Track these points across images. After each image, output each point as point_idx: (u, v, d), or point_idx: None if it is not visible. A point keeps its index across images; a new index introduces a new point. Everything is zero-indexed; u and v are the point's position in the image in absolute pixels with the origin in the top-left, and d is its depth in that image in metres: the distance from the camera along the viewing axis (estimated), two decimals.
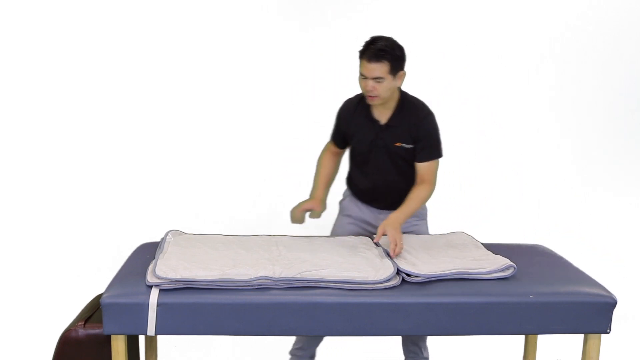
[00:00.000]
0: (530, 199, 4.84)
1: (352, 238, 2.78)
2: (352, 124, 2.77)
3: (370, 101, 2.65)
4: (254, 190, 4.57)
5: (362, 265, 2.43)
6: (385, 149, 2.74)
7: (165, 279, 2.22)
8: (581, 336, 2.40)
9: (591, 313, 2.30)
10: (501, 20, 4.79)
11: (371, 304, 2.23)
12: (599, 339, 2.35)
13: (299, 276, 2.30)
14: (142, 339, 2.76)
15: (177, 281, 2.23)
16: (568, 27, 4.81)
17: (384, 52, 2.56)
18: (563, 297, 2.31)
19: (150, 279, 2.25)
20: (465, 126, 4.83)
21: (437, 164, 2.78)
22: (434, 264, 2.44)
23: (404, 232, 2.67)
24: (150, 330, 2.19)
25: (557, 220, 4.75)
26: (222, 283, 2.24)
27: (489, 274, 2.39)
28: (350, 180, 2.96)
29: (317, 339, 2.95)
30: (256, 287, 2.25)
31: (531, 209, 4.80)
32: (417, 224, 2.93)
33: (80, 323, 2.38)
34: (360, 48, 2.61)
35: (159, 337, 2.99)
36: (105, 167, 4.55)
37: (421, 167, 2.74)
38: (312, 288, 2.27)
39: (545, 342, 2.98)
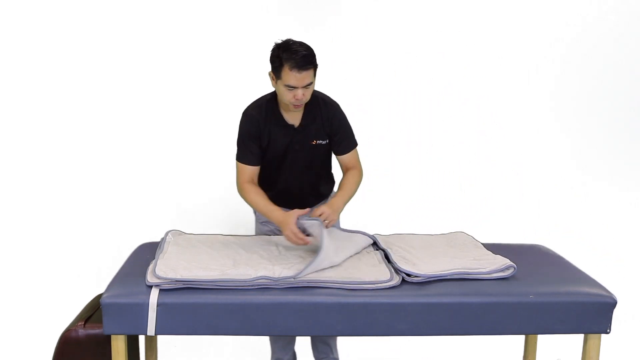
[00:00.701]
0: (530, 199, 4.84)
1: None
2: (265, 134, 2.65)
3: (296, 109, 2.57)
4: None
5: (362, 264, 2.43)
6: (301, 151, 2.69)
7: (165, 279, 2.22)
8: (581, 336, 2.40)
9: (591, 313, 2.30)
10: (501, 20, 4.79)
11: (371, 304, 2.23)
12: (599, 339, 2.35)
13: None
14: (142, 339, 2.76)
15: (177, 281, 2.23)
16: (568, 27, 4.81)
17: (309, 58, 2.45)
18: (563, 297, 2.31)
19: (150, 279, 2.25)
20: (465, 126, 4.83)
21: (357, 151, 2.77)
22: (434, 264, 2.44)
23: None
24: (150, 330, 2.19)
25: (557, 220, 4.75)
26: (222, 283, 2.24)
27: (489, 274, 2.39)
28: (260, 186, 2.85)
29: (290, 343, 2.96)
30: (256, 287, 2.25)
31: (531, 209, 4.80)
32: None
33: (80, 323, 2.38)
34: (273, 59, 2.49)
35: (159, 337, 2.99)
36: (105, 167, 4.54)
37: (345, 158, 2.74)
38: (312, 288, 2.27)
39: (545, 342, 2.98)
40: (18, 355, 3.36)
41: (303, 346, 3.10)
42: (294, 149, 2.68)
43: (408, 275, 2.36)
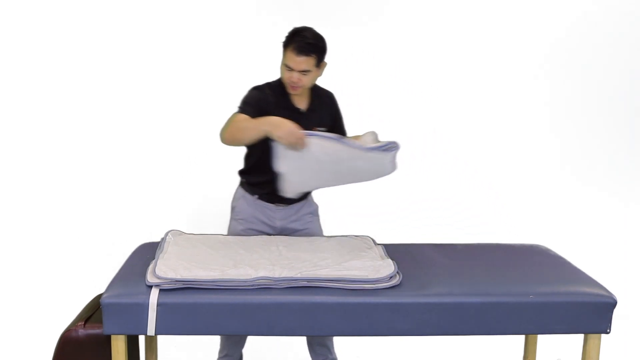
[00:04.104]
0: (530, 199, 4.84)
1: (351, 238, 2.78)
2: (274, 114, 2.56)
3: (292, 91, 2.65)
4: None
5: (362, 264, 2.43)
6: None
7: (165, 279, 2.22)
8: (581, 336, 2.40)
9: (591, 313, 2.30)
10: (503, 20, 4.79)
11: (371, 304, 2.23)
12: (599, 339, 2.35)
13: (299, 275, 2.30)
14: (142, 339, 2.76)
15: (177, 281, 2.23)
16: (570, 26, 4.81)
17: (311, 46, 2.55)
18: (563, 297, 2.31)
19: (150, 279, 2.25)
20: (465, 126, 4.84)
21: None
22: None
23: (299, 230, 2.85)
24: (150, 330, 2.19)
25: (557, 220, 4.75)
26: (222, 283, 2.24)
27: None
28: (248, 174, 2.87)
29: (241, 342, 2.95)
30: (256, 287, 2.25)
31: (531, 209, 4.80)
32: (311, 220, 2.94)
33: (80, 323, 2.38)
34: (285, 39, 2.59)
35: (159, 337, 2.99)
36: (105, 167, 4.55)
37: None
38: (312, 288, 2.27)
39: (545, 342, 2.98)
40: (18, 355, 3.36)
41: (300, 348, 3.09)
42: None
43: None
